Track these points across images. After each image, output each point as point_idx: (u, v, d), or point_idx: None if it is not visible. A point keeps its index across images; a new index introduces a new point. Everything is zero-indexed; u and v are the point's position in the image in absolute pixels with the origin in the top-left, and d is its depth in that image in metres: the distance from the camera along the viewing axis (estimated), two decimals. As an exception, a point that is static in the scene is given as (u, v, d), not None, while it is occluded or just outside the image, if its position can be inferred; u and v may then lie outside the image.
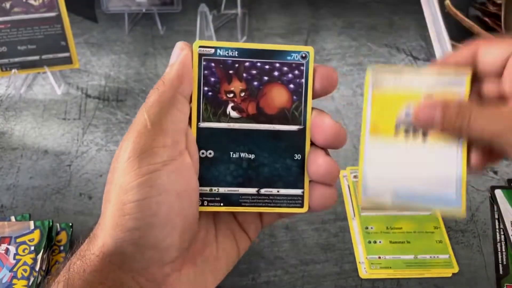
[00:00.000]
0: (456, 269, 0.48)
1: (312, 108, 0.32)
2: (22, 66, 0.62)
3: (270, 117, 0.31)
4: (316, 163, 0.31)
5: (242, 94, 0.31)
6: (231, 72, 0.30)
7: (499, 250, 0.49)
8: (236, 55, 0.30)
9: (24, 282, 0.42)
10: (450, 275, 0.48)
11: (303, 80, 0.31)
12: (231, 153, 0.31)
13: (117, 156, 0.29)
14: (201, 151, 0.31)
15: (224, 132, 0.31)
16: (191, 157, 0.30)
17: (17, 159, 0.57)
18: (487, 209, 0.53)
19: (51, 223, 0.47)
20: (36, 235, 0.45)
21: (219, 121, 0.31)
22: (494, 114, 0.33)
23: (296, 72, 0.31)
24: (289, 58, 0.30)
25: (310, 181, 0.32)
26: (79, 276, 0.27)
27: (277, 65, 0.31)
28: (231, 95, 0.31)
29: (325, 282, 0.47)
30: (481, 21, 0.67)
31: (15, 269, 0.43)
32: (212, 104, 0.31)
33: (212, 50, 0.30)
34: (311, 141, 0.32)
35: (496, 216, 0.52)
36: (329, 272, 0.48)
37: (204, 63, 0.30)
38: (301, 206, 0.32)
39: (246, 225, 0.34)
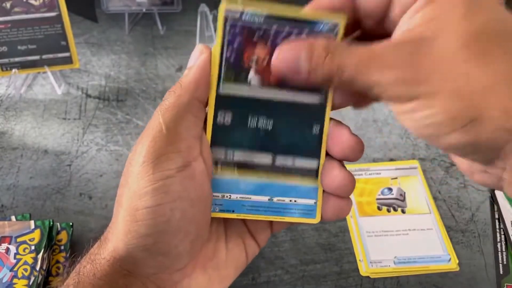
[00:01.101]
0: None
1: (330, 119, 0.31)
2: (23, 66, 0.62)
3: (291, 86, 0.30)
4: (331, 175, 0.30)
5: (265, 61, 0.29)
6: (256, 38, 0.29)
7: (499, 250, 0.49)
8: (262, 20, 0.29)
9: (25, 281, 0.42)
10: (449, 273, 0.48)
11: None
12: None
13: (131, 160, 0.28)
14: (219, 113, 0.30)
15: (244, 100, 0.30)
16: (205, 163, 0.29)
17: (17, 159, 0.57)
18: (487, 209, 0.53)
19: (51, 223, 0.47)
20: (36, 234, 0.45)
21: (241, 86, 0.30)
22: (365, 52, 0.25)
23: None
24: (318, 26, 0.29)
25: (324, 192, 0.31)
26: (89, 280, 0.27)
27: (305, 34, 0.29)
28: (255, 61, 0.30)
29: (325, 282, 0.47)
30: (481, 21, 0.67)
31: (15, 269, 0.43)
32: (234, 70, 0.30)
33: (238, 14, 0.29)
34: (327, 153, 0.31)
35: (496, 216, 0.52)
36: (329, 272, 0.48)
37: (229, 27, 0.29)
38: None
39: (256, 233, 0.34)
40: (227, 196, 0.31)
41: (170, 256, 0.28)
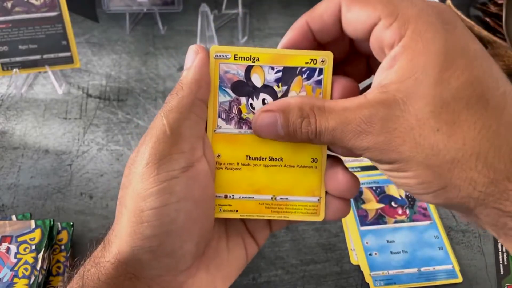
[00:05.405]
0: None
1: None
2: (23, 65, 0.62)
3: None
4: (336, 179, 0.31)
5: None
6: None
7: (499, 250, 0.49)
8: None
9: (25, 281, 0.42)
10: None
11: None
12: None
13: (134, 161, 0.28)
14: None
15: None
16: (208, 163, 0.30)
17: (18, 159, 0.57)
18: (487, 209, 0.53)
19: (52, 222, 0.47)
20: (37, 234, 0.45)
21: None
22: (340, 115, 0.26)
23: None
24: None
25: (326, 193, 0.32)
26: (93, 284, 0.27)
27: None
28: None
29: (325, 282, 0.47)
30: (482, 21, 0.67)
31: (16, 268, 0.43)
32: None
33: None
34: (329, 150, 0.31)
35: (497, 216, 0.52)
36: (330, 272, 0.48)
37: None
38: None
39: (255, 232, 0.34)
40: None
41: (175, 257, 0.28)
